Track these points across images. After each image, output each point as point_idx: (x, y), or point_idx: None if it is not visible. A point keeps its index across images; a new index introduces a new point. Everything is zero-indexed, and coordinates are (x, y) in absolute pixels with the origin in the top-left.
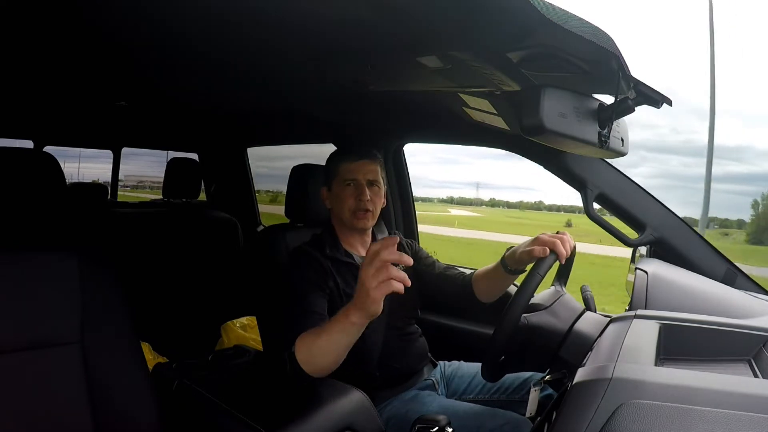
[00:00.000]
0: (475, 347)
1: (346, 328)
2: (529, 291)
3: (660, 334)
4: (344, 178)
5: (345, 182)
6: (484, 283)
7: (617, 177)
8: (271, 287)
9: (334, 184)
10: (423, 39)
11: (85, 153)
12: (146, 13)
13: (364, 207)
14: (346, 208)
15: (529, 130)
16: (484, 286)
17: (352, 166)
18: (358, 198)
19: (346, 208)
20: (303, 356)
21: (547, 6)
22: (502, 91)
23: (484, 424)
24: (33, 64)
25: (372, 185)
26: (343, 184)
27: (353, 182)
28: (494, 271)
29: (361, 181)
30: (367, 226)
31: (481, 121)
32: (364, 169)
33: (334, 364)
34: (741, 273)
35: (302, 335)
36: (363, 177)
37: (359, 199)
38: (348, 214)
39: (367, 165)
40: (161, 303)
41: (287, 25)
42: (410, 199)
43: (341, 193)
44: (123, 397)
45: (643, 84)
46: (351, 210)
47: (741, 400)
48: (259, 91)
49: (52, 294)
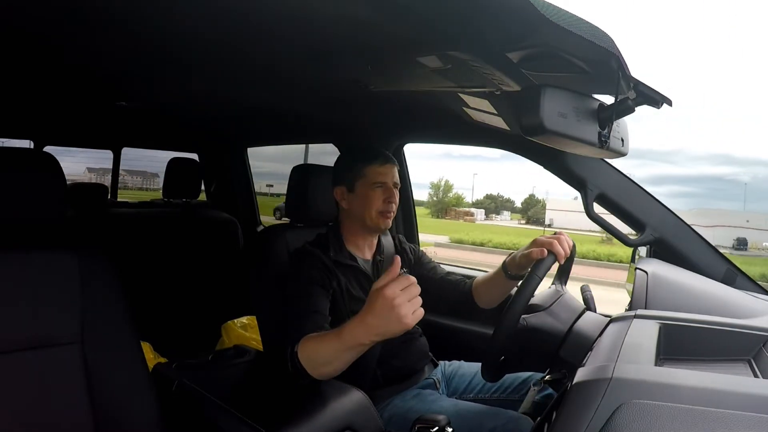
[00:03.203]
0: (475, 347)
1: (353, 347)
2: (528, 292)
3: (660, 334)
4: (373, 181)
5: (375, 184)
6: (485, 290)
7: (617, 177)
8: (271, 287)
9: (358, 185)
10: (423, 39)
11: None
12: (146, 13)
13: (393, 210)
14: (374, 209)
15: (529, 130)
16: (484, 293)
17: (382, 170)
18: (388, 200)
19: (373, 209)
20: (305, 360)
21: (548, 6)
22: (502, 91)
23: (485, 424)
24: (33, 64)
25: (396, 187)
26: (373, 186)
27: (383, 185)
28: (495, 277)
29: (390, 184)
30: (389, 226)
31: (481, 121)
32: (391, 173)
33: (337, 372)
34: (741, 273)
35: (306, 338)
36: (391, 180)
37: (389, 201)
38: (375, 215)
39: (393, 169)
40: (161, 303)
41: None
42: (411, 202)
43: (370, 194)
44: (123, 397)
45: (643, 84)
46: (378, 211)
47: (741, 400)
48: (259, 91)
49: (52, 294)
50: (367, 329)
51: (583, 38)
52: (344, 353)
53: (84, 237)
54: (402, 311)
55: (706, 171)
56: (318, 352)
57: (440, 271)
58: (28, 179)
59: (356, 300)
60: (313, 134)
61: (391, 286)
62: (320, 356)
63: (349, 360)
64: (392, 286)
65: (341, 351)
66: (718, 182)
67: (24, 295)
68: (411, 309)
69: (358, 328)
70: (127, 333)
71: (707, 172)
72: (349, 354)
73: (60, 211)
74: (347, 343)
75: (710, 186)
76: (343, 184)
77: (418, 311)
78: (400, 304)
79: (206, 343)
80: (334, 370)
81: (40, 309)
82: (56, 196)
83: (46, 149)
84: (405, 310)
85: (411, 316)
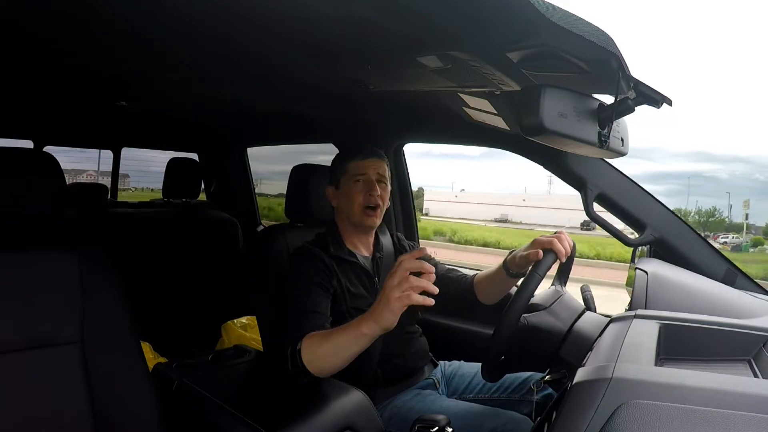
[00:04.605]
0: (475, 347)
1: (357, 337)
2: (529, 291)
3: (660, 334)
4: (354, 174)
5: (354, 178)
6: (486, 286)
7: (617, 177)
8: (271, 287)
9: (342, 182)
10: (423, 39)
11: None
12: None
13: (374, 202)
14: (355, 204)
15: (529, 130)
16: (485, 289)
17: (362, 163)
18: (368, 193)
19: (355, 204)
20: (308, 356)
21: (548, 6)
22: (502, 91)
23: (485, 424)
24: (33, 64)
25: (380, 182)
26: (353, 180)
27: (363, 177)
28: (496, 274)
29: (371, 177)
30: (375, 224)
31: (481, 121)
32: (373, 166)
33: (338, 368)
34: (741, 273)
35: (310, 335)
36: (372, 173)
37: (369, 194)
38: (357, 211)
39: (376, 162)
40: (161, 303)
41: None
42: (410, 200)
43: (351, 189)
44: (123, 397)
45: (643, 84)
46: (360, 206)
47: (741, 400)
48: (259, 91)
49: (52, 294)
50: (367, 315)
51: (583, 38)
52: (347, 345)
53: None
54: (391, 295)
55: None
56: (322, 345)
57: (441, 268)
58: (28, 179)
59: (356, 297)
60: (313, 134)
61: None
62: (323, 350)
63: (351, 354)
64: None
65: (344, 341)
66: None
67: (24, 295)
68: (399, 294)
69: (363, 315)
70: (127, 333)
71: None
72: (352, 346)
73: (60, 211)
74: (351, 332)
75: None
76: (332, 183)
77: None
78: (392, 288)
79: (206, 343)
80: (336, 366)
81: (40, 309)
82: (56, 196)
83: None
84: (394, 294)
85: (396, 301)
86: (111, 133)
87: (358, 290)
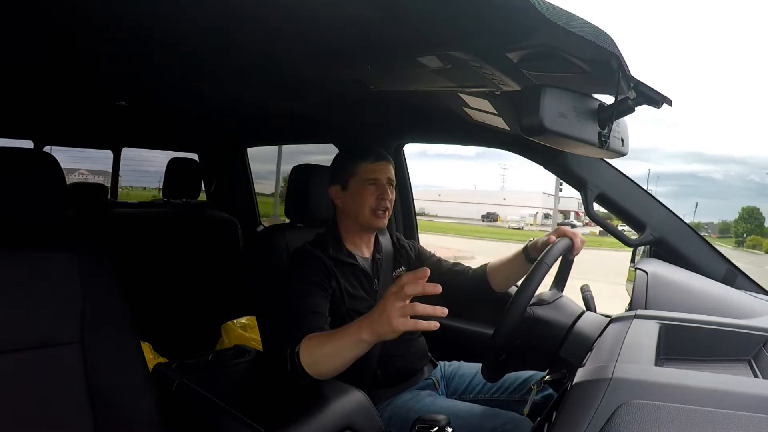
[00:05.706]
0: (475, 347)
1: (356, 343)
2: (537, 279)
3: (660, 334)
4: (366, 178)
5: (367, 182)
6: (502, 273)
7: (617, 177)
8: (271, 287)
9: (351, 183)
10: (423, 39)
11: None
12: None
13: (385, 206)
14: (366, 206)
15: (529, 130)
16: (501, 277)
17: (374, 167)
18: (380, 197)
19: (366, 207)
20: (307, 359)
21: (548, 6)
22: (502, 91)
23: (485, 424)
24: (33, 64)
25: (389, 185)
26: (365, 183)
27: (376, 182)
28: (513, 261)
29: (383, 181)
30: (384, 225)
31: (481, 121)
32: (384, 170)
33: (337, 372)
34: (741, 273)
35: (309, 337)
36: (384, 177)
37: (381, 198)
38: (368, 213)
39: (387, 166)
40: (161, 303)
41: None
42: (410, 200)
43: (362, 191)
44: (123, 397)
45: (644, 84)
46: (372, 208)
47: (741, 400)
48: (259, 90)
49: (52, 294)
50: (367, 323)
51: (583, 38)
52: (346, 349)
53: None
54: (391, 313)
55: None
56: (321, 348)
57: (446, 264)
58: (28, 179)
59: (356, 299)
60: (313, 134)
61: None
62: (322, 353)
63: (350, 359)
64: (392, 287)
65: (343, 346)
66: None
67: (24, 295)
68: (399, 312)
69: (362, 320)
70: (127, 333)
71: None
72: (350, 351)
73: (60, 211)
74: (350, 337)
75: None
76: (337, 182)
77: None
78: (391, 305)
79: (206, 343)
80: (334, 369)
81: (40, 309)
82: (56, 196)
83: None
84: (393, 312)
85: (397, 319)
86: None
87: (357, 292)
